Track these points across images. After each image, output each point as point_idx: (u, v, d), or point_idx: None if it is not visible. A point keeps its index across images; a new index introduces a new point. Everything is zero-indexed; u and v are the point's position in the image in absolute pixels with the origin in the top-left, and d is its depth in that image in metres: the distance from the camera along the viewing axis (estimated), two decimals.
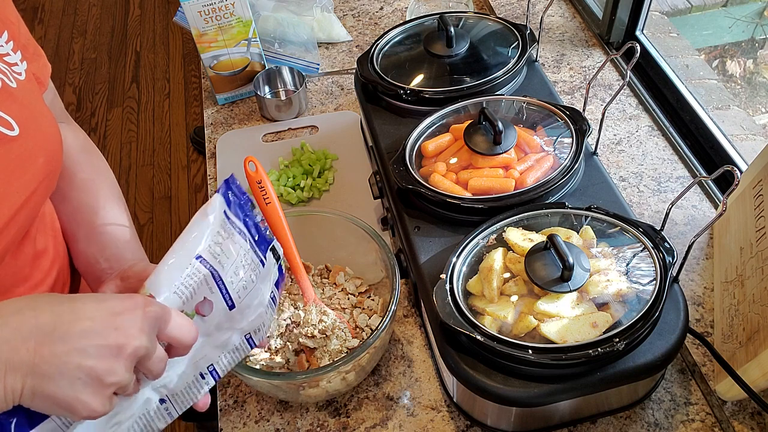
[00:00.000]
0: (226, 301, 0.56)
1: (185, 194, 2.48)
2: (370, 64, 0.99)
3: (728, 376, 0.72)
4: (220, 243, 0.56)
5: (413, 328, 0.89)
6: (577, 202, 0.78)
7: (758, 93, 1.84)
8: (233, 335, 0.60)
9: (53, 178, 0.66)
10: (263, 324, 0.62)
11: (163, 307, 0.51)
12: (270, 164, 1.13)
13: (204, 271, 0.54)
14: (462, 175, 0.82)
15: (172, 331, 0.51)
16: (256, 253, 0.59)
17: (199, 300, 0.55)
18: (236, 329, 0.60)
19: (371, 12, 1.42)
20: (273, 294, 0.63)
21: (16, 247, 0.64)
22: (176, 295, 0.54)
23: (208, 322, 0.57)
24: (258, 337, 0.62)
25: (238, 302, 0.57)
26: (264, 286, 0.60)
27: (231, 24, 1.14)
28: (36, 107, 0.64)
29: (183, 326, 0.52)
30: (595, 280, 0.68)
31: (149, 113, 2.79)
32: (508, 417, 0.72)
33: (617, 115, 1.12)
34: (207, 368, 0.59)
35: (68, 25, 3.28)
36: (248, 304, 0.59)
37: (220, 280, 0.55)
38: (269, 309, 0.63)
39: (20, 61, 0.64)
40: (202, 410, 0.61)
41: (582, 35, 1.28)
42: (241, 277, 0.57)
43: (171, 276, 0.54)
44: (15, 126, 0.59)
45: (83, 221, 0.74)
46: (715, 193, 0.98)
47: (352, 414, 0.81)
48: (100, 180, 0.77)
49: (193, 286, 0.54)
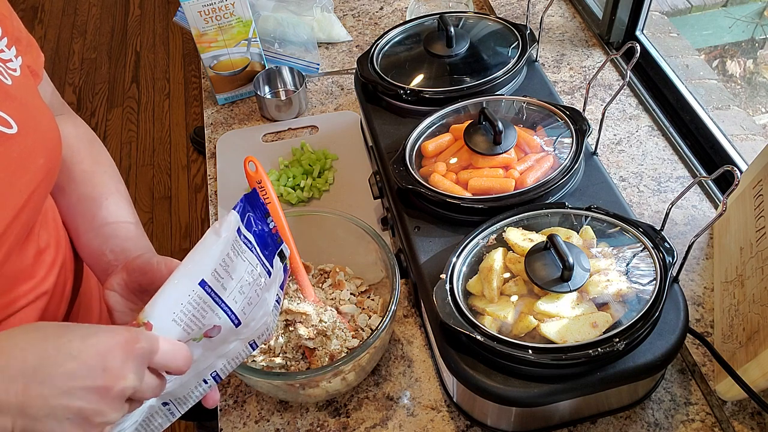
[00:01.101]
0: (232, 320, 0.55)
1: (185, 194, 2.48)
2: (370, 64, 0.99)
3: (728, 376, 0.72)
4: (227, 265, 0.54)
5: (413, 328, 0.89)
6: (577, 202, 0.78)
7: (758, 93, 1.83)
8: (237, 344, 0.59)
9: (54, 173, 0.66)
10: (267, 329, 0.62)
11: (151, 341, 0.49)
12: (270, 164, 1.13)
13: (205, 297, 0.53)
14: (462, 175, 0.82)
15: (162, 361, 0.50)
16: (264, 265, 0.58)
17: (206, 325, 0.54)
18: (240, 339, 0.59)
19: (371, 12, 1.42)
20: (278, 297, 0.63)
21: (19, 245, 0.63)
22: (174, 323, 0.52)
23: (214, 340, 0.56)
24: (261, 341, 0.62)
25: (244, 318, 0.56)
26: (269, 294, 0.60)
27: (231, 24, 1.14)
28: (33, 103, 0.63)
29: (174, 355, 0.51)
30: (595, 280, 0.68)
31: (149, 113, 2.79)
32: (508, 417, 0.72)
33: (617, 115, 1.12)
34: (210, 374, 0.59)
35: (68, 25, 3.28)
36: (253, 317, 0.58)
37: (222, 303, 0.54)
38: (274, 312, 0.62)
39: (15, 57, 0.63)
40: (212, 407, 0.62)
41: (582, 35, 1.28)
42: (246, 294, 0.56)
43: (169, 304, 0.52)
44: (13, 124, 0.58)
45: (85, 214, 0.73)
46: (715, 193, 0.98)
47: (352, 414, 0.81)
48: (100, 171, 0.76)
49: (193, 312, 0.53)
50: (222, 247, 0.53)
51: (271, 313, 0.61)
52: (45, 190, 0.64)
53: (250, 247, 0.56)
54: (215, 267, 0.53)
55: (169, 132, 2.71)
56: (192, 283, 0.52)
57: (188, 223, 2.39)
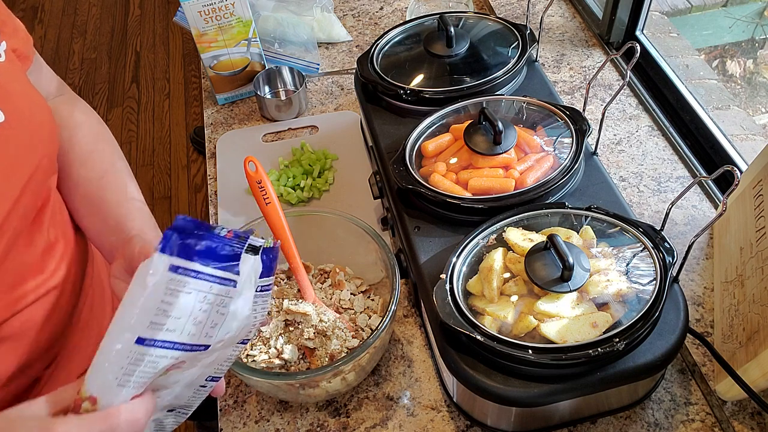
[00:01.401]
0: (194, 350, 0.51)
1: (185, 194, 2.48)
2: (370, 64, 0.99)
3: (728, 376, 0.72)
4: (166, 310, 0.49)
5: (413, 328, 0.89)
6: (577, 202, 0.78)
7: (758, 93, 1.83)
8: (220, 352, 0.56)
9: (50, 160, 0.64)
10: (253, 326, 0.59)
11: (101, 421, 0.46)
12: (270, 164, 1.13)
13: (149, 350, 0.48)
14: (462, 175, 0.82)
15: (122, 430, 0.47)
16: (222, 281, 0.52)
17: (161, 370, 0.50)
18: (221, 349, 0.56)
19: (371, 12, 1.42)
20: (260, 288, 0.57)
21: (26, 239, 0.63)
22: (122, 387, 0.48)
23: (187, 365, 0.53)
24: (250, 337, 0.60)
25: (211, 340, 0.53)
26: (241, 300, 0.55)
27: (231, 24, 1.14)
28: (20, 89, 0.62)
29: (129, 421, 0.48)
30: (595, 280, 0.68)
31: (149, 113, 2.79)
32: (508, 417, 0.72)
33: (617, 115, 1.12)
34: (205, 380, 0.58)
35: (68, 25, 3.28)
36: (227, 330, 0.54)
37: (172, 344, 0.50)
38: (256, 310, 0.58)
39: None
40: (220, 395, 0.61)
41: (582, 35, 1.28)
42: (204, 322, 0.51)
43: (110, 371, 0.47)
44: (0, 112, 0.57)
45: (85, 195, 0.71)
46: (715, 193, 0.98)
47: (352, 414, 0.81)
48: (98, 149, 0.73)
49: (140, 368, 0.48)
50: (153, 296, 0.48)
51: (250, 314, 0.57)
52: (42, 178, 0.63)
53: (196, 275, 0.50)
54: (151, 319, 0.48)
55: (169, 132, 2.71)
56: (127, 343, 0.47)
57: None
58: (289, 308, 0.80)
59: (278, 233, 0.82)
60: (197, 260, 0.49)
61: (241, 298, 0.54)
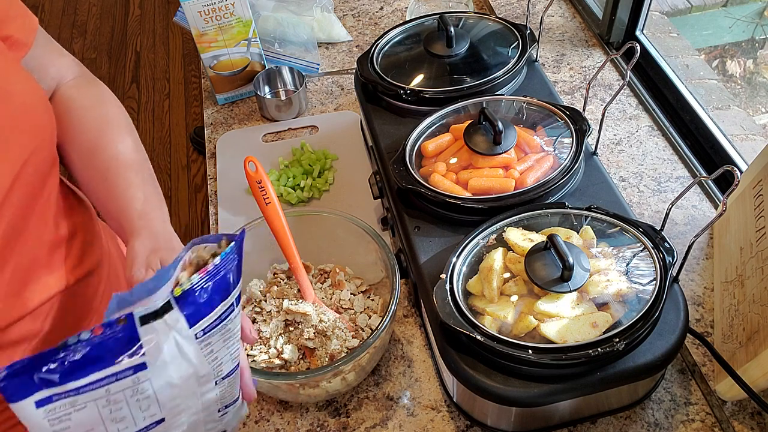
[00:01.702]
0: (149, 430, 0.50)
1: (185, 194, 2.48)
2: (370, 64, 0.99)
3: (728, 376, 0.72)
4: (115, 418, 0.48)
5: (413, 328, 0.89)
6: (577, 202, 0.78)
7: (758, 93, 1.84)
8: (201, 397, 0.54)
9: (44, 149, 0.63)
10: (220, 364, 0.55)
11: None
12: (270, 164, 1.13)
13: None
14: (462, 175, 0.82)
15: None
16: (118, 375, 0.48)
17: None
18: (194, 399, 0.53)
19: (371, 12, 1.42)
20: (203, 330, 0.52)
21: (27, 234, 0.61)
22: None
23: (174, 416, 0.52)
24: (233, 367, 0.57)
25: (155, 417, 0.50)
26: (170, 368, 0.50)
27: (231, 24, 1.14)
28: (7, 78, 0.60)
29: None
30: (595, 280, 0.68)
31: (149, 113, 2.79)
32: (508, 417, 0.72)
33: (617, 115, 1.12)
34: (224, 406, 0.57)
35: (68, 25, 3.28)
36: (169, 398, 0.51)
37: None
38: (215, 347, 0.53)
39: None
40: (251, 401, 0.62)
41: (582, 35, 1.28)
42: (128, 416, 0.49)
43: None
44: None
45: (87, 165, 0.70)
46: (715, 193, 0.98)
47: (352, 414, 0.81)
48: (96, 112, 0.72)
49: None
50: None
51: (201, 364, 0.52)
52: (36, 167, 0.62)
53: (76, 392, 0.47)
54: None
55: (169, 132, 2.71)
56: None
57: (188, 223, 2.39)
58: (289, 308, 0.80)
59: (278, 233, 0.82)
60: (68, 380, 0.46)
61: (169, 366, 0.50)
